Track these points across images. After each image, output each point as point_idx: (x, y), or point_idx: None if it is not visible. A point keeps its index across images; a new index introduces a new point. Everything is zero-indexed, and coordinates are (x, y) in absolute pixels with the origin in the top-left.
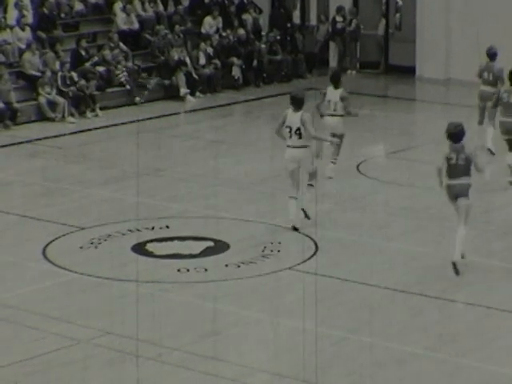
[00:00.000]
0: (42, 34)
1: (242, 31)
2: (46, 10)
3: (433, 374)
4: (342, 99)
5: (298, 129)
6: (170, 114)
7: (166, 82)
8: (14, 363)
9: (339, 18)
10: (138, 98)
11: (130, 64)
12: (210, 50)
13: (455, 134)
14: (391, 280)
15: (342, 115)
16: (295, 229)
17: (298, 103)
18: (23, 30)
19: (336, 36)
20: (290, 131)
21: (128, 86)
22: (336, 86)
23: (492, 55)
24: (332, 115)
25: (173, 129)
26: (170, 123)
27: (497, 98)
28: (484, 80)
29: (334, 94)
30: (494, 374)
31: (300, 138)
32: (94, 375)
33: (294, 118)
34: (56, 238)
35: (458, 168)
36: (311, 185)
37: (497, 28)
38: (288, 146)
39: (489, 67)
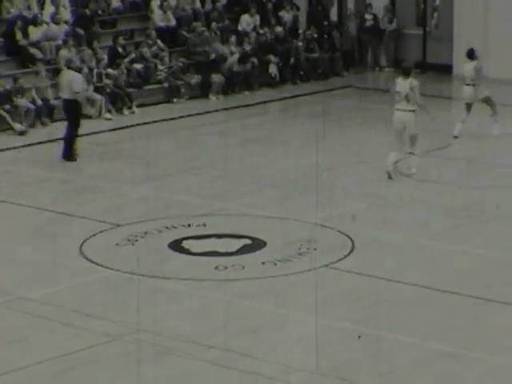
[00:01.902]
0: (80, 31)
1: (279, 29)
2: (83, 7)
3: (469, 373)
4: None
5: (407, 94)
6: (207, 112)
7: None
8: (51, 359)
9: (368, 16)
10: (175, 99)
11: (167, 60)
12: (247, 48)
13: None
14: (428, 279)
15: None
16: (390, 177)
17: (406, 71)
18: (58, 26)
19: (365, 34)
20: (400, 96)
21: (166, 84)
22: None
23: None
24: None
25: (209, 126)
26: (207, 121)
27: None
28: None
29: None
30: None
31: (408, 102)
32: (130, 372)
33: (403, 84)
34: (93, 235)
35: None
36: (411, 153)
37: None
38: (397, 109)
39: None
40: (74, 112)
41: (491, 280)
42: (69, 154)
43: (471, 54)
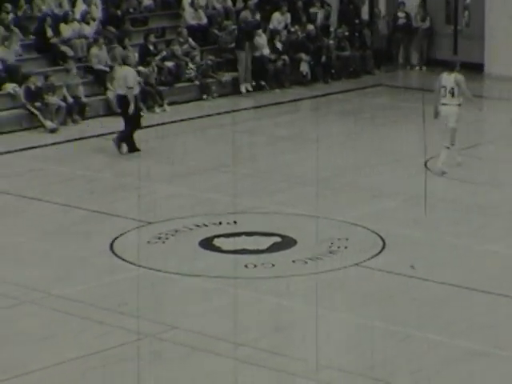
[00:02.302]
0: (111, 29)
1: (310, 27)
2: (114, 6)
3: (499, 372)
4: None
5: (452, 88)
6: (238, 110)
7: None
8: (81, 357)
9: (401, 14)
10: (205, 96)
11: (199, 59)
12: (279, 46)
13: None
14: (458, 277)
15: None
16: (443, 173)
17: (451, 66)
18: (88, 24)
19: (397, 32)
20: (445, 90)
21: (197, 82)
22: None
23: None
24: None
25: (240, 124)
26: (237, 119)
27: None
28: None
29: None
30: None
31: (453, 96)
32: (160, 370)
33: (448, 79)
34: (124, 233)
35: None
36: (447, 147)
37: None
38: (442, 104)
39: None
40: (125, 106)
41: None
42: (130, 148)
43: None
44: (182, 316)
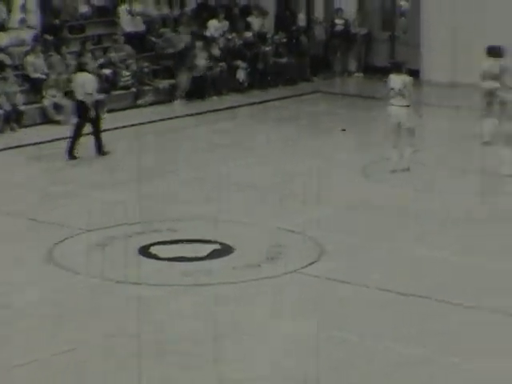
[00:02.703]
0: (48, 37)
1: (248, 34)
2: (52, 13)
3: (444, 377)
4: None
5: (400, 90)
6: (176, 117)
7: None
8: (18, 366)
9: (339, 21)
10: (140, 101)
11: (134, 66)
12: (216, 53)
13: None
14: (397, 283)
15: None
16: (406, 170)
17: (399, 68)
18: (26, 32)
19: (335, 38)
20: (394, 92)
21: (133, 89)
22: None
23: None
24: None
25: (178, 131)
26: (175, 126)
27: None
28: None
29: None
30: (507, 375)
31: (402, 97)
32: (100, 378)
33: (396, 80)
34: (62, 241)
35: None
36: (410, 147)
37: (504, 30)
38: (391, 105)
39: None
40: (82, 113)
41: (464, 286)
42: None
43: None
44: (120, 323)
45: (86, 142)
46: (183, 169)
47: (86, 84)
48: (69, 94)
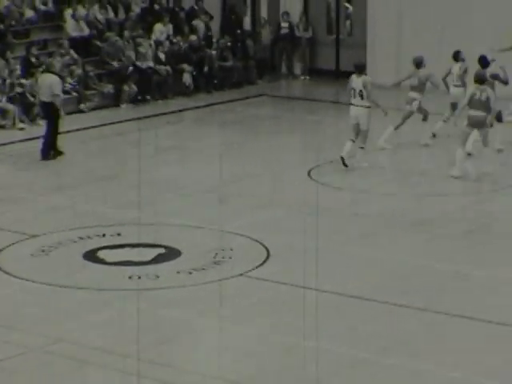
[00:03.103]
0: None
1: (193, 37)
2: None
3: (385, 378)
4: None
5: (361, 90)
6: (121, 121)
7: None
8: None
9: (284, 24)
10: (82, 105)
11: (79, 71)
12: (161, 56)
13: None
14: (343, 285)
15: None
16: (344, 164)
17: (359, 68)
18: None
19: (280, 42)
20: (354, 92)
21: (74, 93)
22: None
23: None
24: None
25: (124, 135)
26: (121, 130)
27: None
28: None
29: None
30: (445, 378)
31: (362, 98)
32: (43, 382)
33: (357, 81)
34: (7, 246)
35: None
36: (362, 147)
37: (450, 31)
38: (351, 104)
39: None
40: (52, 113)
41: (406, 287)
42: (50, 154)
43: (457, 56)
44: (67, 329)
45: (31, 146)
46: (128, 173)
47: (53, 85)
48: (14, 98)
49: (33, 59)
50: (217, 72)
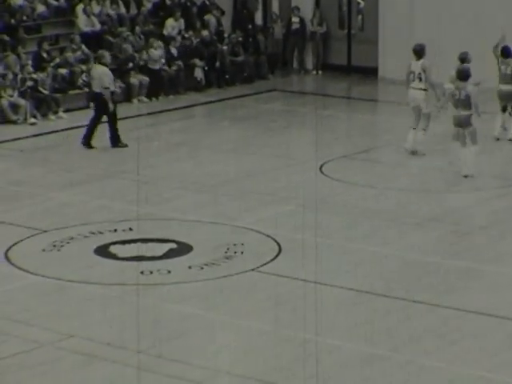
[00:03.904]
0: (5, 37)
1: (205, 33)
2: (8, 14)
3: (397, 374)
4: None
5: (419, 73)
6: (132, 116)
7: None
8: None
9: (295, 19)
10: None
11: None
12: (173, 52)
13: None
14: (355, 281)
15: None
16: (413, 153)
17: (418, 53)
18: None
19: (291, 37)
20: (413, 75)
21: (86, 89)
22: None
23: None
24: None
25: (135, 131)
26: (132, 125)
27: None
28: None
29: (416, 66)
30: (457, 375)
31: (420, 81)
32: (57, 379)
33: (416, 64)
34: (18, 241)
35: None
36: (424, 129)
37: (460, 28)
38: (411, 87)
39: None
40: (100, 104)
41: (417, 283)
42: (88, 142)
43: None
44: (79, 324)
45: (39, 143)
46: (140, 168)
47: (102, 77)
48: (25, 93)
49: (44, 54)
50: (228, 67)
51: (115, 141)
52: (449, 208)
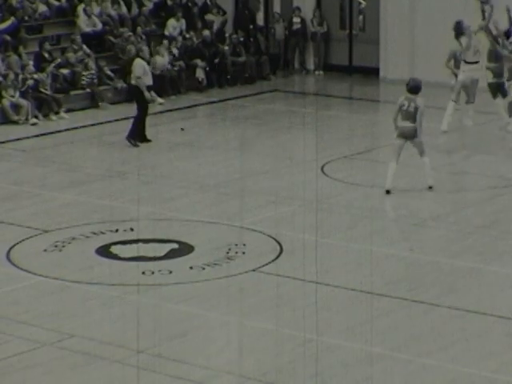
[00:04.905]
0: (6, 37)
1: (206, 33)
2: (10, 14)
3: (399, 374)
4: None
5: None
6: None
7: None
8: None
9: (296, 19)
10: (100, 104)
11: (93, 66)
12: (175, 52)
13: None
14: (357, 281)
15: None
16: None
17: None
18: None
19: (293, 37)
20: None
21: (88, 90)
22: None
23: None
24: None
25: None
26: None
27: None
28: None
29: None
30: (460, 374)
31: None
32: (59, 378)
33: (475, 38)
34: (20, 241)
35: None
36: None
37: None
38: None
39: None
40: (138, 96)
41: (418, 282)
42: (133, 136)
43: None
44: (80, 324)
45: (41, 143)
46: (142, 168)
47: (135, 68)
48: (26, 93)
49: (46, 54)
50: (229, 67)
51: (131, 133)
52: (450, 208)
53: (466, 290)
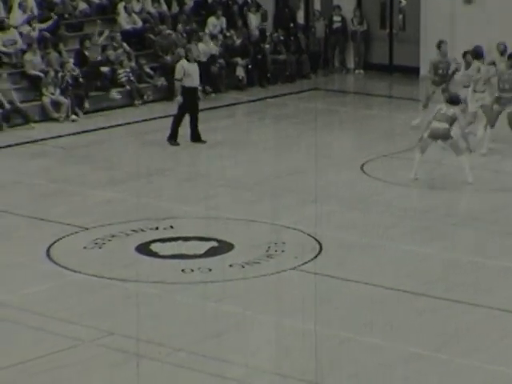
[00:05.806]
0: (46, 34)
1: (246, 31)
2: (50, 11)
3: (437, 374)
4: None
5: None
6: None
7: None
8: (16, 364)
9: (336, 18)
10: (137, 102)
11: (132, 64)
12: (215, 50)
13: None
14: (396, 280)
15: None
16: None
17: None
18: (33, 29)
19: (333, 36)
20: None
21: (128, 87)
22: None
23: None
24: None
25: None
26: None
27: None
28: None
29: None
30: (498, 374)
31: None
32: (97, 376)
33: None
34: (60, 239)
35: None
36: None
37: (501, 27)
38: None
39: None
40: (183, 98)
41: (458, 282)
42: (169, 138)
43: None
44: (119, 321)
45: (80, 141)
46: (181, 166)
47: (176, 70)
48: (66, 91)
49: (86, 52)
50: (270, 66)
51: (173, 135)
52: (491, 207)
53: (504, 290)
